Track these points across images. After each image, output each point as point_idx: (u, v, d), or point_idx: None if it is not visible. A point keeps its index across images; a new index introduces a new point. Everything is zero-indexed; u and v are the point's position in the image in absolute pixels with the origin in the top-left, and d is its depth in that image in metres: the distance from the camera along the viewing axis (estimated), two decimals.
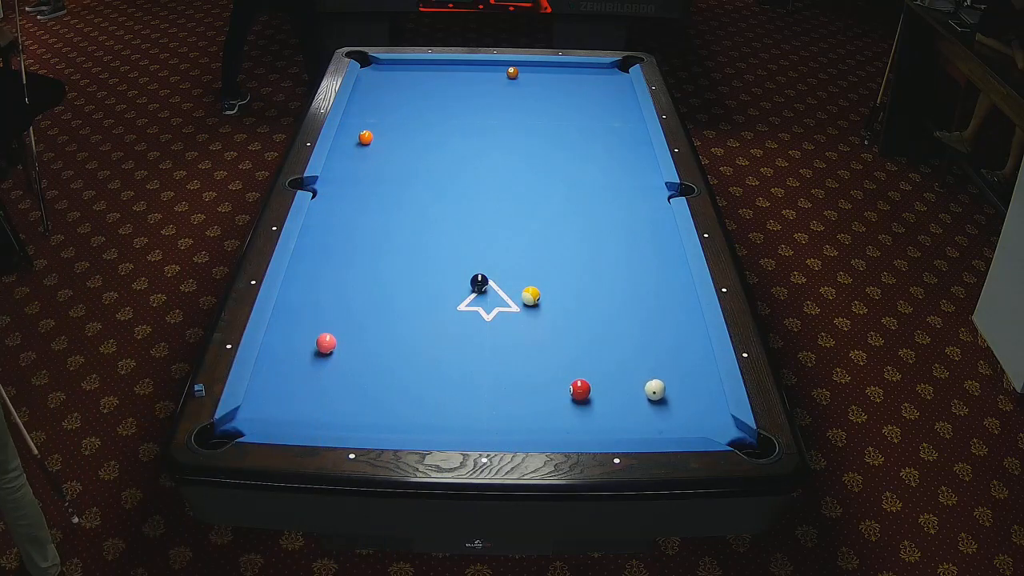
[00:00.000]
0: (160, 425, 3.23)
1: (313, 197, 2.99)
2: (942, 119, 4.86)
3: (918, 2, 4.71)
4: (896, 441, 3.29)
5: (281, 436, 2.05)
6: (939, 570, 2.83)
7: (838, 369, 3.59)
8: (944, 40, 4.58)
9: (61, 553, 2.76)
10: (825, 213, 4.57)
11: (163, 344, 3.60)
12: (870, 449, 3.25)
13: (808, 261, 4.20)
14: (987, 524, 2.98)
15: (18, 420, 2.58)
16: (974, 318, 3.83)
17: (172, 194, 4.56)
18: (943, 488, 3.11)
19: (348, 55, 3.91)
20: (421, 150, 3.32)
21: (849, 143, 5.24)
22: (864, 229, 4.46)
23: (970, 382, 3.57)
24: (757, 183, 4.80)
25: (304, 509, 2.12)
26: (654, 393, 2.21)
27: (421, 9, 5.17)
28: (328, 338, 2.36)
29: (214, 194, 4.56)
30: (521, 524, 2.20)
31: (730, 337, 2.38)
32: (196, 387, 2.14)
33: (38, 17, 6.57)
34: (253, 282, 2.53)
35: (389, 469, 1.99)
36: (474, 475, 1.99)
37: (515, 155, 3.31)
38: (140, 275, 3.98)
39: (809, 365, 3.60)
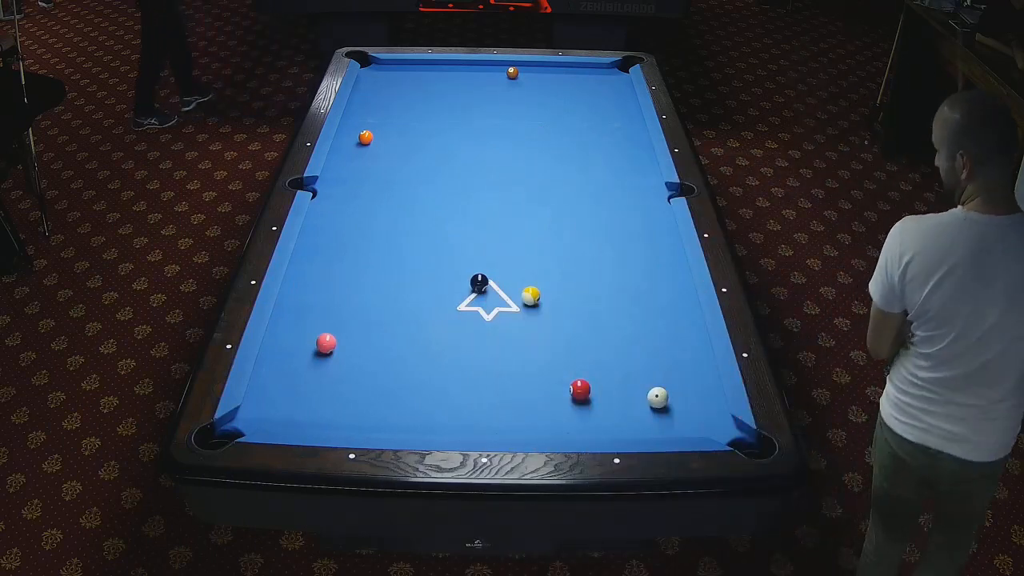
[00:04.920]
0: (160, 425, 3.23)
1: (313, 197, 2.99)
2: None
3: (918, 2, 4.71)
4: None
5: (281, 436, 2.05)
6: None
7: (838, 369, 3.59)
8: (944, 40, 4.58)
9: (61, 553, 2.76)
10: (825, 213, 4.56)
11: (163, 344, 3.60)
12: (870, 449, 3.24)
13: (808, 261, 4.20)
14: (987, 524, 2.98)
15: None
16: None
17: (172, 194, 4.56)
18: None
19: (348, 55, 3.91)
20: (421, 150, 3.32)
21: (849, 143, 5.24)
22: (864, 229, 4.46)
23: None
24: (757, 183, 4.80)
25: (304, 509, 2.12)
26: (656, 396, 2.20)
27: (421, 9, 5.16)
28: (328, 338, 2.36)
29: (214, 194, 4.56)
30: (521, 524, 2.20)
31: (730, 337, 2.38)
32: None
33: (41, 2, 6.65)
34: (253, 282, 2.53)
35: (389, 469, 1.99)
36: (474, 475, 1.98)
37: (515, 155, 3.31)
38: (140, 275, 3.98)
39: (809, 365, 3.60)
